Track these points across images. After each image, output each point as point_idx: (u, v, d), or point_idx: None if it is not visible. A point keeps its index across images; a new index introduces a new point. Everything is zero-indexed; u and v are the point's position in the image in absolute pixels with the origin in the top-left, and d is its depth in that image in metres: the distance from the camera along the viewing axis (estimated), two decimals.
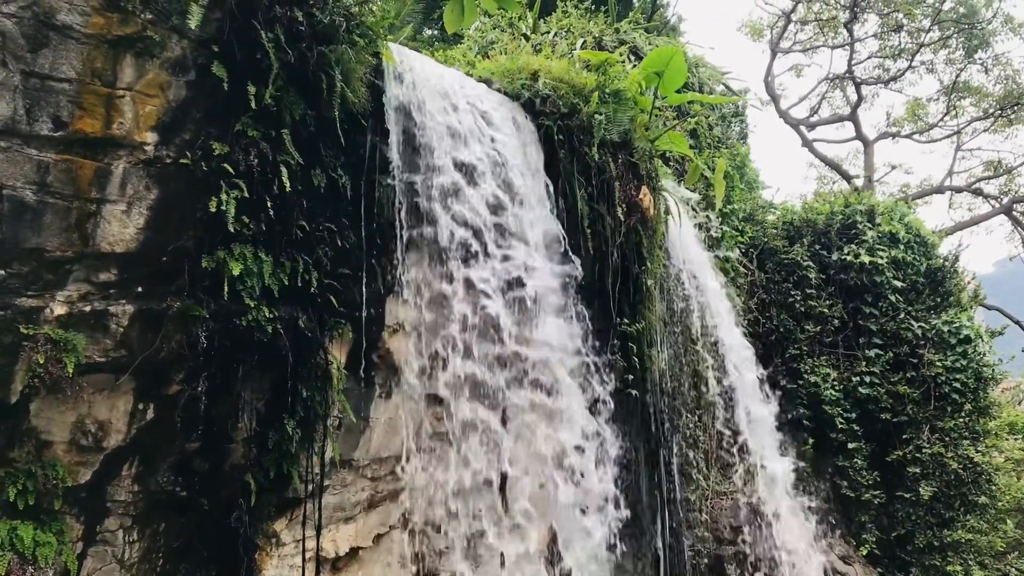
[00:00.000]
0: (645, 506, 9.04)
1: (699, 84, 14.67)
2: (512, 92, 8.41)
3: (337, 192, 6.47)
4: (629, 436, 8.88)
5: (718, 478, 11.49)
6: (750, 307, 13.87)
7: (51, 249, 5.12)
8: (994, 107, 28.37)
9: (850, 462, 13.41)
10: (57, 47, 5.07)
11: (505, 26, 13.97)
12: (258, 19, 5.74)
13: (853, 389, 13.77)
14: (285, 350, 6.07)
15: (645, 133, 9.22)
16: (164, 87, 5.49)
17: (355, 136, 6.58)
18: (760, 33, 30.78)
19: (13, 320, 5.05)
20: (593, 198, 8.39)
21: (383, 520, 7.34)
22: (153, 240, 5.50)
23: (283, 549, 6.52)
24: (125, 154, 5.36)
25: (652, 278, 9.17)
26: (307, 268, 6.17)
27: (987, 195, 29.96)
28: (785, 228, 15.00)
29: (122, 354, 5.49)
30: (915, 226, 15.12)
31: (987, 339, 14.56)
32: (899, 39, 28.24)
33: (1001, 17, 26.96)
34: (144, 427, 5.72)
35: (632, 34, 14.05)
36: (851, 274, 14.29)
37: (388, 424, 7.21)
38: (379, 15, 6.80)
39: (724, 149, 14.89)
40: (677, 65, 8.97)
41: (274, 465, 6.27)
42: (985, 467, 13.51)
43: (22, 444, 5.31)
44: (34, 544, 5.20)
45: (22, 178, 4.99)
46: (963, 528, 13.32)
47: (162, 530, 5.98)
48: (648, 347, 9.16)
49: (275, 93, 5.84)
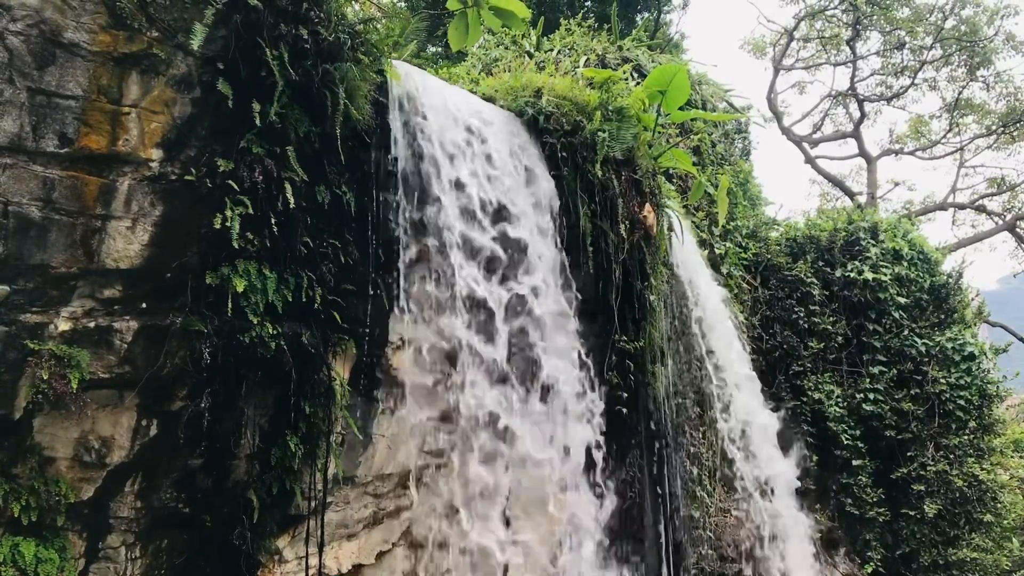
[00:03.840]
0: (649, 525, 8.99)
1: (702, 101, 14.71)
2: (516, 109, 8.44)
3: (341, 208, 6.48)
4: (632, 454, 8.85)
5: (722, 495, 11.44)
6: (753, 324, 13.85)
7: (56, 265, 5.14)
8: (996, 124, 28.40)
9: (854, 479, 13.35)
10: (64, 64, 5.11)
11: (509, 44, 14.04)
12: (263, 37, 5.77)
13: (857, 406, 13.74)
14: (288, 366, 6.07)
15: (648, 150, 9.24)
16: (169, 104, 5.52)
17: (359, 153, 6.60)
18: (762, 51, 30.87)
19: (18, 336, 5.06)
20: (596, 215, 8.40)
21: (386, 537, 7.31)
22: (157, 256, 5.52)
23: (286, 566, 6.49)
24: (130, 170, 5.39)
25: (655, 294, 9.16)
26: (311, 284, 6.18)
27: (991, 212, 29.94)
28: (788, 245, 15.01)
29: (126, 370, 5.50)
30: (919, 243, 15.12)
31: (991, 356, 14.53)
32: (901, 56, 28.34)
33: (1003, 35, 27.03)
34: (147, 443, 5.72)
35: (635, 52, 14.11)
36: (855, 291, 14.28)
37: (391, 441, 7.20)
38: (383, 33, 6.83)
39: (727, 166, 14.92)
40: (680, 83, 9.00)
41: (277, 481, 6.25)
42: (990, 485, 13.45)
43: (25, 460, 5.30)
44: (36, 561, 5.19)
45: (28, 194, 5.01)
46: (968, 546, 13.24)
47: (164, 546, 5.97)
48: (652, 363, 9.14)
49: (280, 110, 5.86)
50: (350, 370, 6.76)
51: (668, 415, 9.59)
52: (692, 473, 10.76)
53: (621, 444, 8.71)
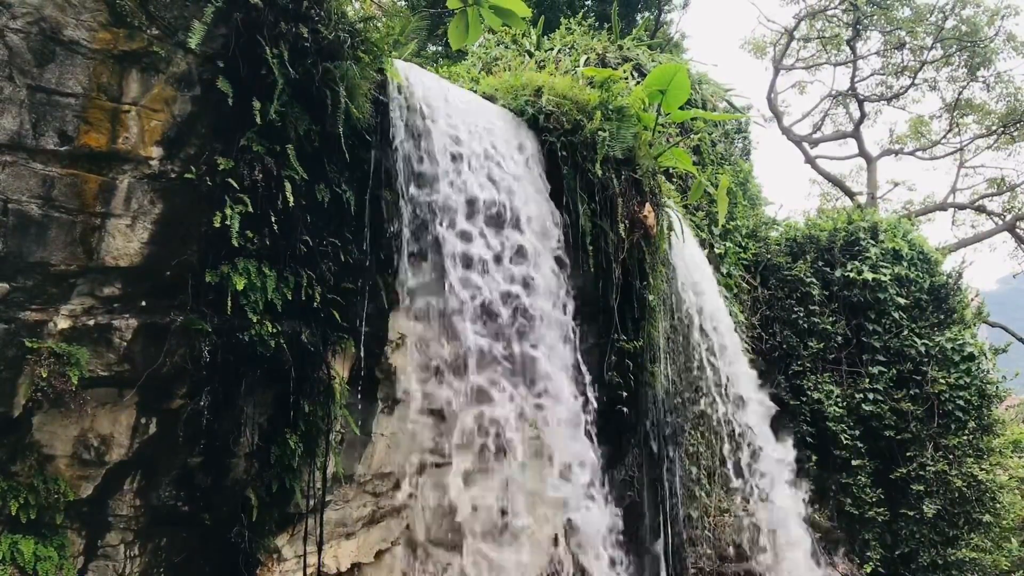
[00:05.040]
0: (647, 524, 8.99)
1: (702, 101, 14.71)
2: (516, 108, 8.43)
3: (341, 207, 6.47)
4: (632, 454, 8.86)
5: (720, 495, 11.44)
6: (753, 324, 13.86)
7: (55, 263, 5.13)
8: (997, 124, 28.44)
9: (854, 479, 13.36)
10: (63, 62, 5.10)
11: (509, 43, 14.03)
12: (263, 35, 5.76)
13: (857, 406, 13.75)
14: (288, 365, 6.07)
15: (648, 150, 9.22)
16: (169, 102, 5.52)
17: (359, 151, 6.59)
18: (763, 50, 30.91)
19: (17, 334, 5.06)
20: (596, 214, 8.38)
21: (385, 536, 7.31)
22: (157, 254, 5.51)
23: (285, 564, 6.49)
24: (130, 168, 5.38)
25: (655, 294, 9.15)
26: (310, 283, 6.17)
27: (990, 212, 29.98)
28: (788, 245, 15.02)
29: (125, 368, 5.49)
30: (918, 243, 15.13)
31: (990, 356, 14.55)
32: (902, 57, 28.40)
33: (1003, 35, 27.11)
34: (146, 441, 5.72)
35: (635, 51, 14.10)
36: (854, 291, 14.29)
37: (391, 439, 7.20)
38: (384, 31, 6.82)
39: (727, 166, 14.91)
40: (680, 82, 8.99)
41: (276, 480, 6.25)
42: (989, 485, 13.47)
43: (24, 458, 5.30)
44: (35, 559, 5.18)
45: (27, 192, 5.01)
46: (967, 546, 13.26)
47: (163, 545, 5.97)
48: (651, 363, 9.14)
49: (280, 108, 5.86)
50: (349, 369, 6.76)
51: (667, 414, 9.59)
52: (691, 472, 10.76)
53: (620, 444, 8.71)
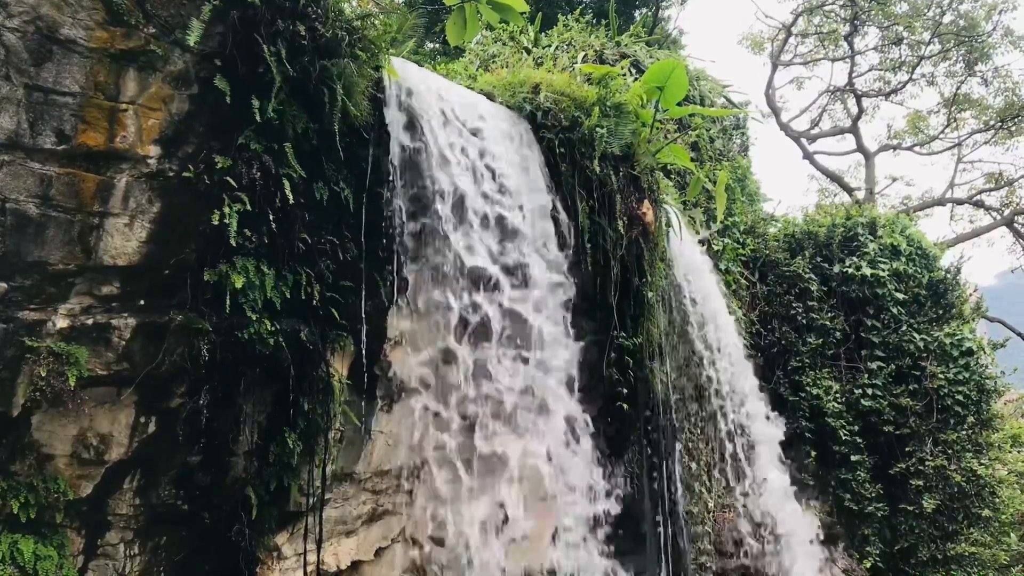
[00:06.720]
0: (648, 520, 9.00)
1: (700, 97, 14.70)
2: (514, 105, 8.43)
3: (339, 205, 6.47)
4: (632, 450, 8.86)
5: (721, 491, 11.45)
6: (752, 320, 13.86)
7: (54, 262, 5.13)
8: (995, 119, 28.45)
9: (853, 475, 13.37)
10: (60, 61, 5.10)
11: (507, 40, 14.03)
12: (260, 33, 5.75)
13: (855, 402, 13.75)
14: (287, 363, 6.06)
15: (647, 146, 9.22)
16: (167, 101, 5.51)
17: (357, 149, 6.58)
18: (761, 46, 30.90)
19: (15, 333, 5.06)
20: (594, 211, 8.38)
21: (385, 534, 7.32)
22: (155, 253, 5.51)
23: (284, 563, 6.49)
24: (128, 167, 5.37)
25: (654, 291, 9.15)
26: (309, 281, 6.17)
27: (988, 207, 29.99)
28: (787, 240, 15.01)
29: (124, 367, 5.49)
30: (917, 238, 15.12)
31: (989, 351, 14.55)
32: (899, 52, 28.37)
33: (1001, 30, 27.12)
34: (145, 440, 5.72)
35: (633, 47, 14.11)
36: (853, 286, 14.29)
37: (390, 437, 7.20)
38: (381, 29, 6.81)
39: (725, 162, 14.91)
40: (678, 78, 8.98)
41: (275, 478, 6.25)
42: (988, 480, 13.49)
43: (23, 457, 5.30)
44: (35, 558, 5.18)
45: (25, 192, 5.00)
46: (967, 541, 13.27)
47: (163, 544, 5.97)
48: (650, 360, 9.14)
49: (278, 107, 5.85)
50: (349, 366, 6.76)
51: (667, 410, 9.60)
52: (691, 468, 10.77)
53: (620, 440, 8.71)
